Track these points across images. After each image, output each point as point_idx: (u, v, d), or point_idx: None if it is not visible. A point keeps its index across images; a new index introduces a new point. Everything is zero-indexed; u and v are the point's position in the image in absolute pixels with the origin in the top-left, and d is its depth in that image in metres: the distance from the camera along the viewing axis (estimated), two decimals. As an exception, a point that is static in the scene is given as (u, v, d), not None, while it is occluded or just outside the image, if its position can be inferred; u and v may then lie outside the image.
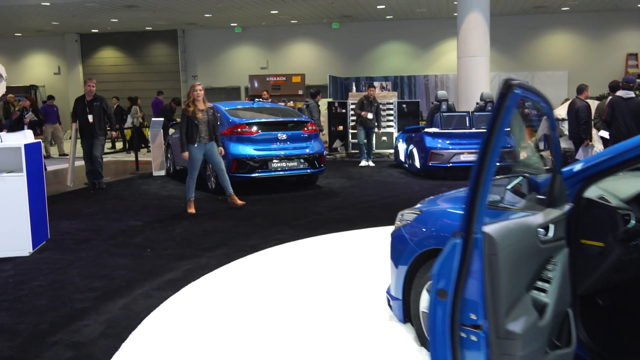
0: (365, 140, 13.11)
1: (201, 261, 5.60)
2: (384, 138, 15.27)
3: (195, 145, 7.89)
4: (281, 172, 9.45)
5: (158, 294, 4.65)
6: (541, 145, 14.45)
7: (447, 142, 10.91)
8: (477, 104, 11.87)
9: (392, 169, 12.64)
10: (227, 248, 6.09)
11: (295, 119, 9.89)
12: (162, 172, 12.22)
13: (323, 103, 14.88)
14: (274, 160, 9.33)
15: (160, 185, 10.76)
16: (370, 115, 12.90)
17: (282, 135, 9.41)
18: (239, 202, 8.23)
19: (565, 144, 13.71)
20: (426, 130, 11.17)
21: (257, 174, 9.29)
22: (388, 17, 20.73)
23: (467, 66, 13.91)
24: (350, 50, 22.40)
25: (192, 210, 7.99)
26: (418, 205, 3.59)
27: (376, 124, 13.07)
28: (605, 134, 9.56)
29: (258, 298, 4.54)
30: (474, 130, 10.95)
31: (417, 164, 11.29)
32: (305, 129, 9.72)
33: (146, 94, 24.09)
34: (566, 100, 20.37)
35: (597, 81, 21.06)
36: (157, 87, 24.23)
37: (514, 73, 21.10)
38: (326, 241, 6.38)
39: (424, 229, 3.27)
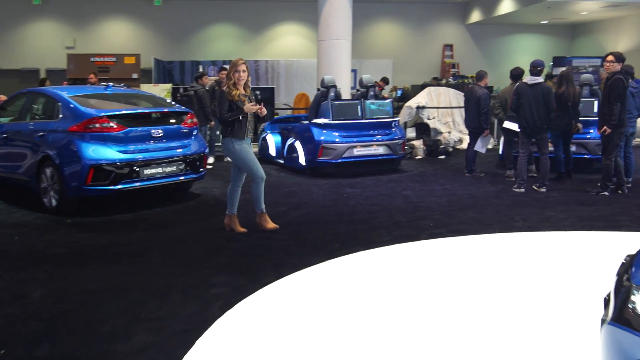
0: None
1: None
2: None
3: (244, 140, 5.50)
4: (157, 181, 6.61)
5: None
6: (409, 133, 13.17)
7: (339, 134, 8.96)
8: (358, 90, 10.05)
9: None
10: (183, 319, 3.36)
11: (170, 110, 7.04)
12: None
13: (166, 89, 11.89)
14: (147, 166, 6.47)
15: (-33, 205, 7.09)
16: None
17: (156, 132, 6.54)
18: (272, 225, 5.65)
19: (411, 133, 12.47)
20: (314, 121, 9.06)
21: (123, 186, 6.35)
22: (218, -5, 18.00)
23: (330, 50, 12.05)
24: (175, 31, 19.10)
25: (240, 228, 5.64)
26: None
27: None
28: (511, 125, 8.35)
29: None
30: (366, 120, 9.15)
31: (302, 160, 9.16)
32: (184, 122, 6.95)
33: None
34: (394, 88, 19.87)
35: (417, 70, 20.87)
36: None
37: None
38: (290, 291, 3.98)
39: None
